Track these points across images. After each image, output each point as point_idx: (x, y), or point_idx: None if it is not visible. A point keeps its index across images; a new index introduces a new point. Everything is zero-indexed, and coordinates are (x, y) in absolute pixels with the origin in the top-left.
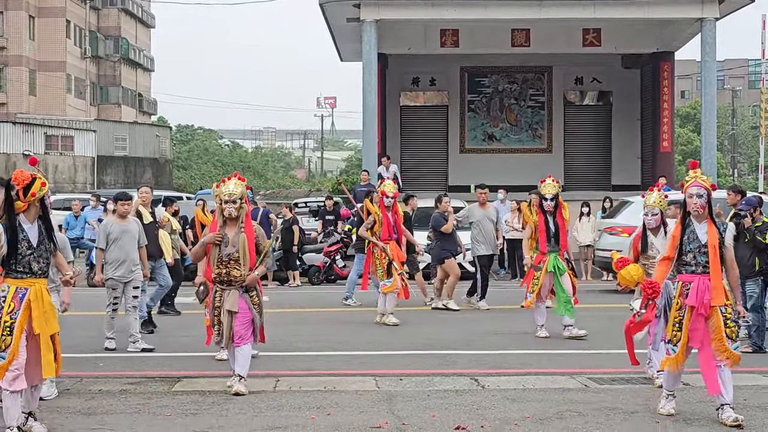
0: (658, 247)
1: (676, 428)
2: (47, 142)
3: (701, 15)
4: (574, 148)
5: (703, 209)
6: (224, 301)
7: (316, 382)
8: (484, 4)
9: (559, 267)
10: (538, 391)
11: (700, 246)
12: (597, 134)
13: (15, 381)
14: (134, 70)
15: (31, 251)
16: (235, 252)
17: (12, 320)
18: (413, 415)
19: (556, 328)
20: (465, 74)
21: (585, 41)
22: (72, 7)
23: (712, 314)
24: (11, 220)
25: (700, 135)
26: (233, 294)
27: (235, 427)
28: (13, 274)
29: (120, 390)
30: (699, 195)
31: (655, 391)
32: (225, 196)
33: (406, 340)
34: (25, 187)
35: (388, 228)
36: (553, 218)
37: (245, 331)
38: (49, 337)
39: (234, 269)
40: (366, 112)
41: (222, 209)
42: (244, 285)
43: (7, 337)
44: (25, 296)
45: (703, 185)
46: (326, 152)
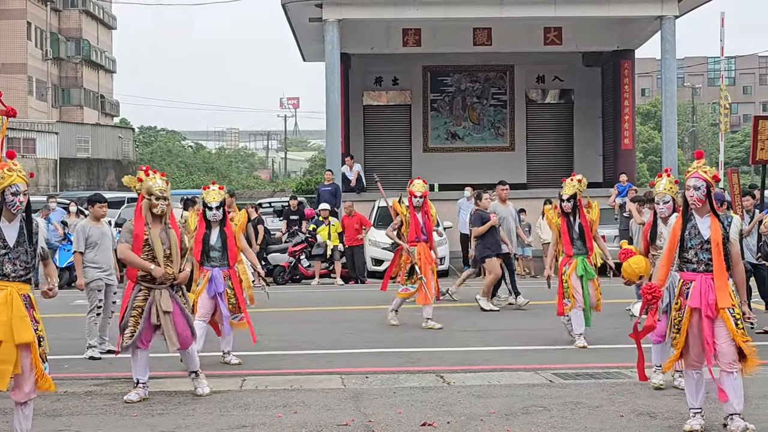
0: (666, 236)
1: (640, 422)
2: (9, 145)
3: (661, 13)
4: (537, 146)
5: (701, 202)
6: (157, 301)
7: (282, 380)
8: (445, 3)
9: (587, 270)
10: (503, 387)
11: (702, 242)
12: (559, 132)
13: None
14: (96, 71)
15: (6, 252)
16: (166, 249)
17: None
18: (380, 413)
19: (518, 324)
20: (427, 73)
21: (546, 40)
22: (32, 9)
23: (719, 317)
24: None
25: (660, 132)
26: (165, 294)
27: (202, 427)
28: None
29: (85, 391)
30: (696, 187)
31: (617, 386)
32: (157, 192)
33: (371, 339)
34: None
35: (416, 229)
36: (576, 219)
37: (188, 332)
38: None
39: (167, 267)
40: (329, 112)
41: (153, 205)
42: (176, 283)
43: None
44: None
45: (702, 177)
46: (290, 153)
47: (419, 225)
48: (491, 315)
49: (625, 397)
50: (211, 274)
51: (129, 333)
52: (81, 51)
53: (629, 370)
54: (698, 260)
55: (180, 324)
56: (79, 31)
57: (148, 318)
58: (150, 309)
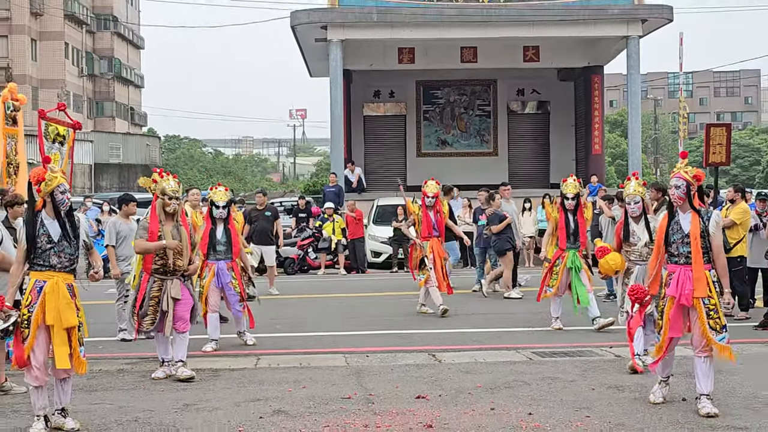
0: (639, 235)
1: (609, 394)
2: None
3: (627, 33)
4: (517, 151)
5: (681, 200)
6: (168, 289)
7: (292, 359)
8: (436, 25)
9: (577, 265)
10: (488, 364)
11: (683, 236)
12: (536, 139)
13: (35, 377)
14: (126, 86)
15: (52, 245)
16: (179, 244)
17: (29, 313)
18: (379, 387)
19: (501, 309)
20: (420, 87)
21: (525, 57)
22: (70, 31)
23: (695, 306)
24: (31, 215)
25: (627, 139)
26: (176, 282)
27: (222, 400)
28: (35, 267)
29: (118, 369)
30: (677, 186)
31: (589, 363)
32: (170, 193)
33: (371, 322)
34: (39, 183)
35: (428, 226)
36: (574, 216)
37: (187, 317)
38: (66, 330)
39: (177, 260)
40: (333, 122)
41: (166, 204)
42: (186, 274)
43: (26, 330)
44: (42, 289)
45: (683, 176)
46: (298, 158)
47: (431, 222)
48: (479, 301)
49: (596, 372)
50: (216, 267)
51: (149, 320)
52: (113, 68)
53: (600, 349)
54: (679, 253)
55: (181, 310)
56: (111, 50)
57: (164, 306)
58: (162, 297)
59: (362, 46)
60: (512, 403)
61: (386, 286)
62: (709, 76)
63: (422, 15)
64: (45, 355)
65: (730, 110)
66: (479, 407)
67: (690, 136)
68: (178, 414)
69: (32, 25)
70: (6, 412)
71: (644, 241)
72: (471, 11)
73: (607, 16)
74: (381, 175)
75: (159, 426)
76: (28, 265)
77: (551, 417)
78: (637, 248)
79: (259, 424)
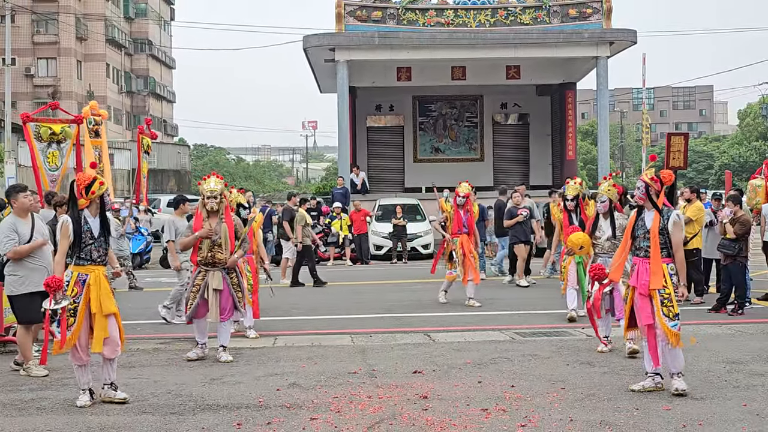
0: (604, 229)
1: (582, 369)
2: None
3: (596, 54)
4: (501, 157)
5: (641, 200)
6: (209, 280)
7: (306, 339)
8: (430, 47)
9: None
10: (476, 343)
11: (645, 232)
12: (518, 146)
13: (79, 358)
14: (160, 102)
15: (93, 241)
16: (218, 239)
17: (75, 304)
18: (381, 363)
19: (488, 295)
20: (416, 102)
21: (508, 75)
22: (110, 54)
23: (651, 295)
24: (76, 213)
25: (596, 146)
26: (217, 275)
27: (244, 375)
28: (78, 261)
29: (153, 348)
30: (638, 187)
31: (564, 342)
32: (207, 193)
33: (374, 307)
34: (86, 187)
35: (458, 223)
36: (577, 215)
37: (229, 306)
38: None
39: (218, 253)
40: (340, 132)
41: (204, 203)
42: (225, 267)
43: (71, 318)
44: (86, 281)
45: (643, 179)
46: (310, 164)
47: (461, 220)
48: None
49: (570, 350)
50: None
51: (191, 306)
52: (148, 86)
53: (574, 330)
54: (640, 247)
55: (223, 300)
56: (146, 70)
57: (203, 294)
58: (205, 287)
59: (365, 66)
60: (497, 377)
61: (387, 275)
62: (669, 91)
63: (418, 39)
64: (87, 339)
65: (686, 121)
66: (468, 381)
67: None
68: (206, 387)
69: (78, 48)
70: (56, 385)
71: (607, 235)
72: (460, 35)
73: (580, 39)
74: (382, 179)
75: (189, 397)
76: (71, 259)
77: (531, 389)
78: (601, 241)
79: (276, 395)
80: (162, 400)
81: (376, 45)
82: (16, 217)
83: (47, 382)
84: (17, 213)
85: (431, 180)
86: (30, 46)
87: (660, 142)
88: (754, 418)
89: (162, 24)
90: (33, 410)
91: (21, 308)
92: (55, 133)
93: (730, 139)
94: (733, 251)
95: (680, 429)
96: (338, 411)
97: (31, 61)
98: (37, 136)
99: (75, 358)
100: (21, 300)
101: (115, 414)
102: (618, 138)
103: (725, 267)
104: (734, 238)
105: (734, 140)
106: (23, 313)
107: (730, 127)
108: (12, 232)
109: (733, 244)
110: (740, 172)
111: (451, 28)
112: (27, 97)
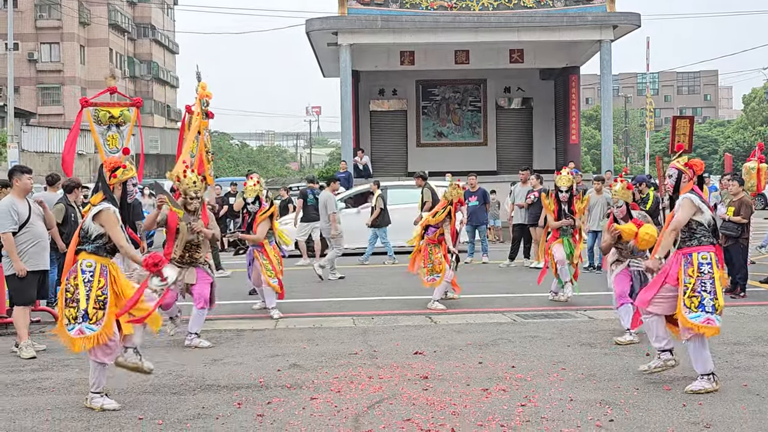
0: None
1: (583, 350)
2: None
3: (600, 38)
4: (504, 141)
5: (671, 187)
6: (185, 276)
7: (307, 321)
8: (433, 31)
9: (570, 250)
10: (477, 325)
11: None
12: (521, 131)
13: (107, 355)
14: (163, 87)
15: None
16: (196, 238)
17: (104, 295)
18: (382, 344)
19: (488, 278)
20: (419, 86)
21: (511, 59)
22: (113, 38)
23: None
24: (113, 200)
25: (600, 131)
26: (192, 270)
27: (245, 355)
28: (101, 252)
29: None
30: (669, 175)
31: (566, 324)
32: (191, 192)
33: (375, 289)
34: (112, 170)
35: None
36: (568, 207)
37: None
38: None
39: (195, 253)
40: (343, 117)
41: (187, 203)
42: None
43: (99, 311)
44: (108, 273)
45: (676, 166)
46: (314, 149)
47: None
48: (469, 273)
49: (571, 332)
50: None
51: None
52: (151, 71)
53: (575, 312)
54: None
55: (197, 290)
56: (150, 55)
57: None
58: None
59: (368, 50)
60: (498, 358)
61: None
62: (673, 76)
63: (421, 22)
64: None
65: (691, 106)
66: (469, 362)
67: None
68: (207, 367)
69: (80, 33)
70: (57, 366)
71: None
72: (464, 18)
73: (583, 23)
74: (385, 163)
75: (189, 378)
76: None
77: (531, 370)
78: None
79: (277, 376)
80: (163, 380)
81: (379, 28)
82: (14, 197)
83: (48, 363)
84: (17, 193)
85: (434, 164)
86: (33, 31)
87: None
88: (753, 398)
89: (165, 8)
90: (34, 390)
91: (17, 288)
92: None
93: (734, 124)
94: (735, 233)
95: (680, 408)
96: (338, 391)
97: (34, 47)
98: (96, 119)
99: (103, 353)
100: (16, 280)
101: (116, 394)
102: (622, 123)
103: (726, 249)
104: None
105: (738, 125)
106: (19, 294)
107: (735, 111)
108: (13, 213)
109: (735, 226)
110: (744, 156)
111: (454, 11)
112: (30, 82)
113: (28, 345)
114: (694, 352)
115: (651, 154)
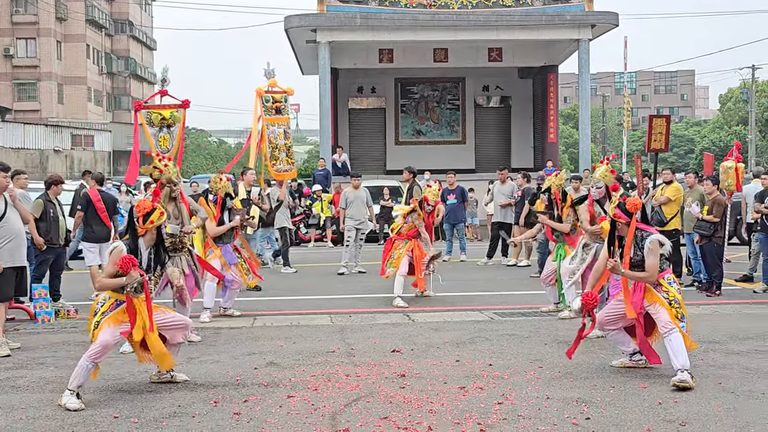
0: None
1: (559, 347)
2: (73, 141)
3: (578, 37)
4: (482, 140)
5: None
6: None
7: (284, 319)
8: (412, 29)
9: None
10: (455, 323)
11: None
12: (499, 129)
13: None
14: (141, 83)
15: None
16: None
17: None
18: (359, 342)
19: (466, 276)
20: (398, 84)
21: (490, 57)
22: (91, 34)
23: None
24: (134, 242)
25: (578, 130)
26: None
27: (222, 354)
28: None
29: None
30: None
31: (542, 322)
32: (175, 179)
33: (353, 287)
34: (144, 215)
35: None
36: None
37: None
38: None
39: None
40: (322, 114)
41: (173, 191)
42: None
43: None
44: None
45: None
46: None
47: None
48: (447, 271)
49: (547, 330)
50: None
51: None
52: (129, 67)
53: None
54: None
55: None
56: (127, 51)
57: None
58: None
59: (347, 47)
60: (475, 356)
61: (367, 256)
62: (650, 75)
63: (400, 20)
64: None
65: (668, 105)
66: (446, 359)
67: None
68: (183, 366)
69: (57, 28)
70: (32, 365)
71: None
72: (442, 17)
73: (562, 22)
74: (364, 161)
75: (166, 376)
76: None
77: (509, 367)
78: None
79: (254, 374)
80: (139, 378)
81: (358, 26)
82: None
83: (23, 362)
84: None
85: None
86: (9, 26)
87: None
88: (728, 396)
89: (143, 4)
90: (8, 388)
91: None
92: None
93: (710, 124)
94: (708, 231)
95: (656, 406)
96: (315, 389)
97: (10, 42)
98: (149, 122)
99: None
100: None
101: (91, 393)
102: (600, 122)
103: (700, 247)
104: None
105: (715, 125)
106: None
107: (711, 111)
108: None
109: (709, 225)
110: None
111: (433, 9)
112: (6, 77)
113: (3, 343)
114: (676, 345)
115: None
